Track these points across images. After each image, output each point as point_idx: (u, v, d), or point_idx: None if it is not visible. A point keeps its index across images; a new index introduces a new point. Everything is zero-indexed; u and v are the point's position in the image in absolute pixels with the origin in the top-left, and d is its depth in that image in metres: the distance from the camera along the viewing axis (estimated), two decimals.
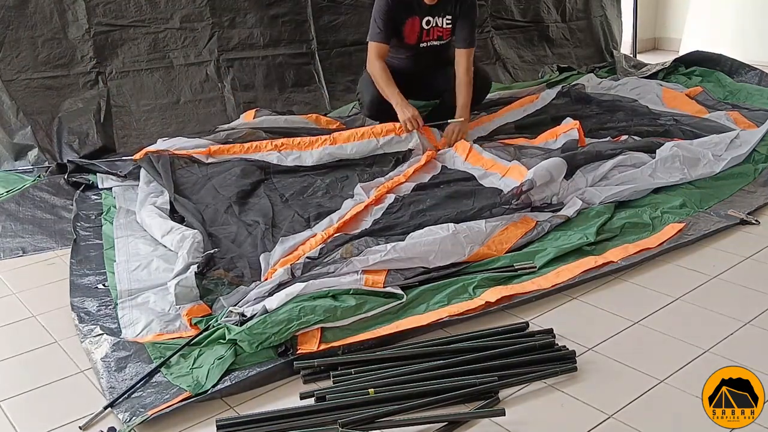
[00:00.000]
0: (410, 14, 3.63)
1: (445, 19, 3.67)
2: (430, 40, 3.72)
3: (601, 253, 2.64)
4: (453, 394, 1.88)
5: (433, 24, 3.67)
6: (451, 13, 3.67)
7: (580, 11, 5.83)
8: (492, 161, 3.29)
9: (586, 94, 4.54)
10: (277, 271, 2.43)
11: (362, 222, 2.82)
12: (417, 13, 3.63)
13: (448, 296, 2.36)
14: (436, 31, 3.70)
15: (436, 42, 3.73)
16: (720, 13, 6.20)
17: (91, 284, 2.59)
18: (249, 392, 1.98)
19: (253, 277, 2.48)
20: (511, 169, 3.15)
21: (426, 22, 3.65)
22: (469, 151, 3.42)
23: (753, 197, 3.13)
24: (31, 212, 3.28)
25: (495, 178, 3.15)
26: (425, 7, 3.61)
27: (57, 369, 2.13)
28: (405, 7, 3.61)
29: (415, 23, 3.65)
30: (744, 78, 4.77)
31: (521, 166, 3.12)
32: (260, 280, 2.43)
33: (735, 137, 3.54)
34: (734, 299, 2.37)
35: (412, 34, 3.68)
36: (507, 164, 3.22)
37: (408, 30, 3.67)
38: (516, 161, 3.21)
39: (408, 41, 3.70)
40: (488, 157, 3.34)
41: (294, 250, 2.59)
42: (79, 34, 4.02)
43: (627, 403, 1.86)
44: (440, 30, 3.69)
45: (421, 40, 3.71)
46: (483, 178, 3.19)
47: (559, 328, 2.18)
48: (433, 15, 3.65)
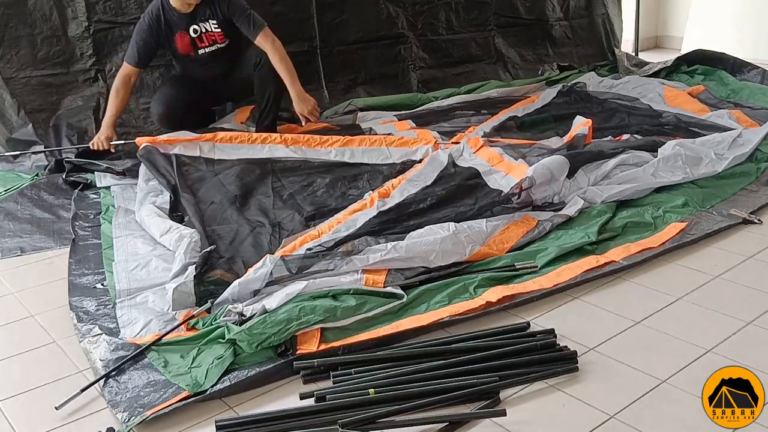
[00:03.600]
0: (175, 30, 3.70)
1: (210, 23, 3.71)
2: (206, 46, 3.76)
3: (603, 253, 2.63)
4: (454, 395, 1.87)
5: (201, 30, 3.71)
6: (214, 18, 3.71)
7: (582, 9, 5.82)
8: (500, 157, 3.26)
9: (587, 93, 4.53)
10: (262, 261, 2.39)
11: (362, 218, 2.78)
12: (180, 27, 3.70)
13: (448, 296, 2.35)
14: (207, 37, 3.74)
15: (213, 48, 3.78)
16: (722, 12, 6.19)
17: (90, 284, 2.58)
18: (248, 392, 1.97)
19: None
20: (515, 167, 3.13)
21: (193, 31, 3.71)
22: (481, 145, 3.39)
23: (755, 196, 3.12)
24: (30, 212, 3.28)
25: (499, 176, 3.12)
26: (184, 18, 3.67)
27: (55, 369, 2.12)
28: (166, 24, 3.68)
29: (183, 37, 3.71)
30: (746, 76, 4.76)
31: (525, 165, 3.10)
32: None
33: (737, 136, 3.52)
34: (736, 299, 2.36)
35: (185, 46, 3.74)
36: (513, 162, 3.19)
37: (180, 44, 3.73)
38: (522, 160, 3.19)
39: (184, 53, 3.76)
40: (497, 152, 3.30)
41: (289, 243, 2.58)
42: (78, 32, 4.01)
43: (628, 404, 1.86)
44: (212, 35, 3.74)
45: (197, 48, 3.75)
46: (487, 175, 3.15)
47: (560, 328, 2.17)
48: (196, 23, 3.70)
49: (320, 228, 2.69)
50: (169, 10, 3.67)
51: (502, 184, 3.04)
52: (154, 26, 3.67)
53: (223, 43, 3.78)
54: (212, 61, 3.82)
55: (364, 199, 2.94)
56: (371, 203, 2.88)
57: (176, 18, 3.68)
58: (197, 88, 3.85)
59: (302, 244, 2.55)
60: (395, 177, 3.21)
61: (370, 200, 2.90)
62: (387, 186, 3.06)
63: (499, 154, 3.27)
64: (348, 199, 3.05)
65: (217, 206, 3.02)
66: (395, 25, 4.90)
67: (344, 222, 2.71)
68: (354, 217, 2.76)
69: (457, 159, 3.32)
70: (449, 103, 4.51)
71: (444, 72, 5.05)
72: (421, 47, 5.02)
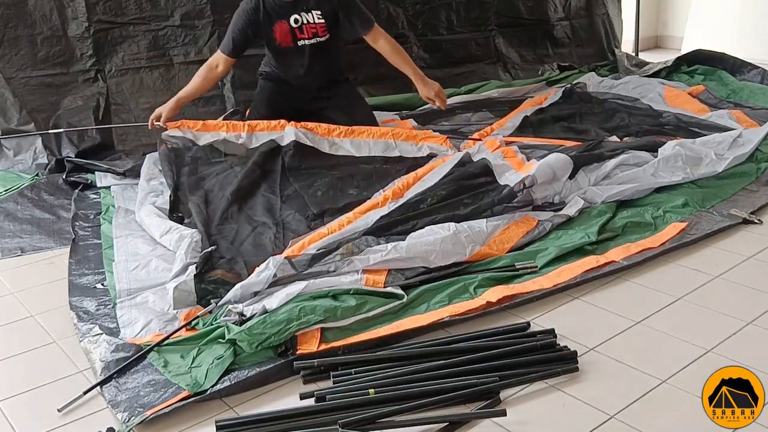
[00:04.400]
0: (275, 19, 3.52)
1: (314, 13, 3.52)
2: (306, 38, 3.56)
3: (603, 253, 2.63)
4: (454, 395, 1.87)
5: (302, 21, 3.52)
6: (318, 8, 3.52)
7: (582, 9, 5.81)
8: (514, 152, 3.25)
9: (587, 93, 4.52)
10: (265, 264, 2.39)
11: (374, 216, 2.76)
12: (281, 15, 3.52)
13: (448, 296, 2.35)
14: (308, 29, 3.55)
15: (313, 40, 3.57)
16: (722, 11, 6.18)
17: (90, 284, 2.58)
18: (248, 392, 1.97)
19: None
20: (526, 166, 3.10)
21: (294, 21, 3.53)
22: (498, 146, 3.36)
23: (755, 196, 3.12)
24: (30, 212, 3.28)
25: (510, 173, 3.09)
26: (286, 6, 3.50)
27: (56, 369, 2.12)
28: (264, 13, 3.50)
29: (282, 26, 3.54)
30: (747, 77, 4.75)
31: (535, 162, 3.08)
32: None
33: (738, 136, 3.52)
34: (736, 299, 2.36)
35: (283, 36, 3.57)
36: (525, 160, 3.17)
37: (279, 34, 3.56)
38: (534, 160, 3.16)
39: (284, 44, 3.59)
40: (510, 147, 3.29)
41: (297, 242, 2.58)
42: (78, 32, 4.01)
43: (629, 404, 1.86)
44: (313, 27, 3.54)
45: (297, 39, 3.56)
46: (498, 169, 3.11)
47: (560, 328, 2.17)
48: (299, 12, 3.51)
49: (330, 226, 2.67)
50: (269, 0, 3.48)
51: (510, 180, 3.01)
52: (252, 14, 3.48)
53: (324, 36, 3.56)
54: (311, 57, 3.59)
55: (376, 198, 2.92)
56: (384, 202, 2.86)
57: (277, 6, 3.48)
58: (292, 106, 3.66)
59: (311, 243, 2.53)
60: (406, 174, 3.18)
61: (383, 198, 2.89)
62: (400, 184, 3.03)
63: (514, 151, 3.27)
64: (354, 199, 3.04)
65: (221, 204, 3.02)
66: (395, 25, 4.90)
67: (354, 222, 2.70)
68: (365, 217, 2.74)
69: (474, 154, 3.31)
70: (449, 103, 4.50)
71: (444, 72, 5.04)
72: (421, 47, 5.01)
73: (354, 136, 3.49)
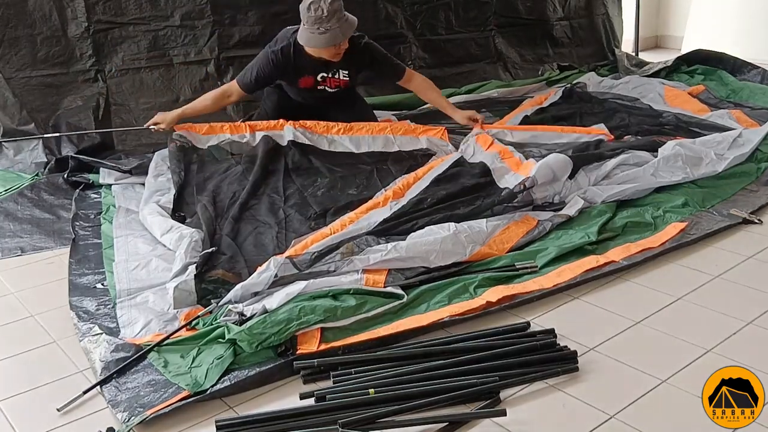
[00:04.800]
0: (303, 73, 3.54)
1: (341, 72, 3.57)
2: (327, 86, 3.61)
3: (603, 253, 2.63)
4: (454, 395, 1.87)
5: (329, 76, 3.57)
6: (347, 68, 3.55)
7: (582, 9, 5.81)
8: (510, 152, 3.25)
9: (587, 93, 4.52)
10: (266, 264, 2.39)
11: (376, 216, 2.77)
12: (309, 72, 3.53)
13: (448, 296, 2.35)
14: (332, 82, 3.60)
15: (334, 90, 3.63)
16: (722, 11, 6.18)
17: (90, 284, 2.58)
18: (248, 392, 1.97)
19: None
20: (524, 165, 3.11)
21: (321, 78, 3.57)
22: (491, 143, 3.38)
23: (755, 196, 3.12)
24: (30, 211, 3.28)
25: (508, 174, 3.10)
26: (318, 65, 3.50)
27: (56, 368, 2.12)
28: (294, 67, 3.49)
29: (308, 80, 3.57)
30: (747, 76, 4.76)
31: (534, 163, 3.08)
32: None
33: (738, 136, 3.52)
34: (736, 299, 2.36)
35: (306, 84, 3.60)
36: (523, 159, 3.18)
37: (302, 84, 3.59)
38: (533, 159, 3.17)
39: (304, 87, 3.62)
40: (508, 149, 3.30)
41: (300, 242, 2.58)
42: (78, 32, 4.01)
43: (629, 403, 1.86)
44: (337, 80, 3.59)
45: (318, 86, 3.60)
46: (496, 171, 3.13)
47: (560, 328, 2.17)
48: (327, 72, 3.55)
49: (332, 226, 2.67)
50: (299, 54, 3.44)
51: (509, 182, 3.02)
52: (281, 66, 3.48)
53: (346, 87, 3.64)
54: (328, 96, 3.66)
55: (377, 198, 2.93)
56: (384, 202, 2.87)
57: (308, 63, 3.48)
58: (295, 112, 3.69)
59: (314, 243, 2.53)
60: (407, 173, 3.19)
61: (384, 198, 2.89)
62: (400, 184, 3.03)
63: (507, 149, 3.27)
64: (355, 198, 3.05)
65: (225, 203, 3.03)
66: (394, 25, 4.90)
67: (357, 221, 2.70)
68: (367, 216, 2.74)
69: (469, 159, 3.32)
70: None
71: (444, 71, 5.04)
72: (420, 47, 5.01)
73: (353, 132, 3.50)
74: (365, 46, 3.58)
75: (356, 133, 3.50)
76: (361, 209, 2.82)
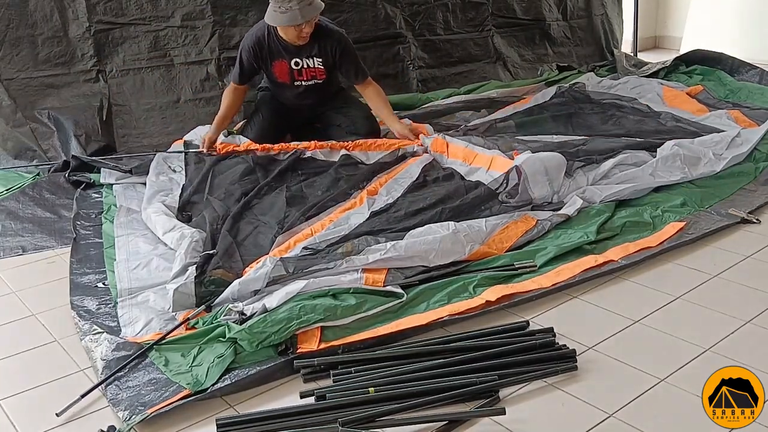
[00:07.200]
0: (276, 57, 3.64)
1: (315, 60, 3.65)
2: (304, 80, 3.71)
3: (602, 252, 2.64)
4: (453, 393, 1.88)
5: (303, 65, 3.66)
6: (321, 56, 3.64)
7: (581, 9, 5.82)
8: (472, 152, 3.30)
9: (586, 93, 4.53)
10: (262, 261, 2.41)
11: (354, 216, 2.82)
12: (281, 56, 3.64)
13: (448, 295, 2.36)
14: (308, 72, 3.69)
15: (310, 82, 3.72)
16: (721, 12, 6.19)
17: (91, 283, 2.59)
18: (249, 391, 1.98)
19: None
20: (494, 160, 3.16)
21: (294, 63, 3.65)
22: (447, 146, 3.41)
23: (754, 196, 3.13)
24: (31, 211, 3.29)
25: (482, 173, 3.15)
26: (289, 49, 3.61)
27: (57, 368, 2.13)
28: (268, 51, 3.62)
29: (282, 65, 3.66)
30: (745, 77, 4.76)
31: (503, 157, 3.14)
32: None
33: (736, 136, 3.53)
34: (735, 298, 2.37)
35: (282, 74, 3.70)
36: (488, 153, 3.22)
37: (277, 71, 3.69)
38: (497, 151, 3.22)
39: (281, 80, 3.72)
40: (463, 147, 3.35)
41: (286, 240, 2.61)
42: (79, 33, 4.02)
43: (627, 402, 1.86)
44: (312, 71, 3.69)
45: (294, 79, 3.71)
46: (470, 174, 3.19)
47: (559, 327, 2.18)
48: (300, 57, 3.63)
49: (313, 227, 2.72)
50: (274, 38, 3.60)
51: (488, 179, 3.07)
52: (256, 50, 3.62)
53: (321, 79, 3.72)
54: (307, 92, 3.76)
55: (354, 198, 2.99)
56: (360, 202, 2.93)
57: (281, 47, 3.61)
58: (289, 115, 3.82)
59: (296, 243, 2.57)
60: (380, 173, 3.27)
61: (359, 198, 2.95)
62: (374, 183, 3.12)
63: (467, 149, 3.32)
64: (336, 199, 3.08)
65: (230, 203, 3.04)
66: (393, 25, 4.91)
67: (336, 220, 2.76)
68: (345, 215, 2.81)
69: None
70: (448, 103, 4.52)
71: (443, 71, 5.05)
72: (419, 47, 5.02)
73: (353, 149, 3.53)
74: (340, 37, 3.68)
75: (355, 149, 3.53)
76: (337, 210, 2.89)
